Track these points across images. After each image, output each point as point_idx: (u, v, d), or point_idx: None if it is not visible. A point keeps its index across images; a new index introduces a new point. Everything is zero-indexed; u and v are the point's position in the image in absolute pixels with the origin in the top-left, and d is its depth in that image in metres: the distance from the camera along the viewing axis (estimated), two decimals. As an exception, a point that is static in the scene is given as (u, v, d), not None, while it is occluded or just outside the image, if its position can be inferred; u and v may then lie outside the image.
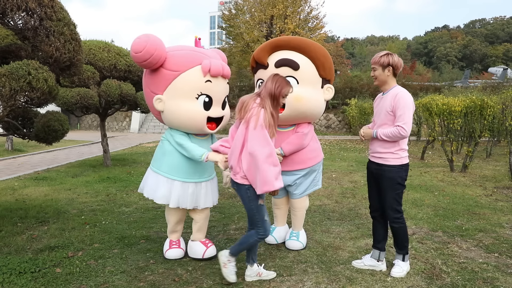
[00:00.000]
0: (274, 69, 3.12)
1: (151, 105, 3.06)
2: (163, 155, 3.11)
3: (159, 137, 19.11)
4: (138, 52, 2.76)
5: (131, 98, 7.71)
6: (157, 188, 3.07)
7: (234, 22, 22.09)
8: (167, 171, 3.05)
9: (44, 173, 7.45)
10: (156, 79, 2.94)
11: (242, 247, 2.72)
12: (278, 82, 2.59)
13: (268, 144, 2.47)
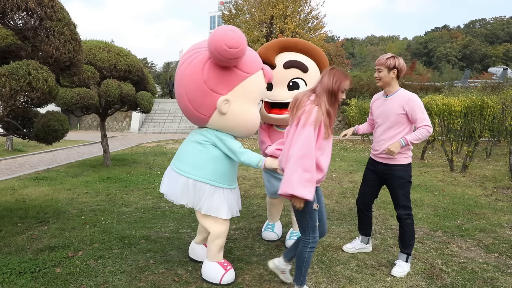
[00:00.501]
0: (283, 70, 3.19)
1: (203, 103, 2.62)
2: (209, 161, 2.70)
3: (159, 137, 19.11)
4: (235, 48, 2.41)
5: (131, 98, 7.71)
6: (214, 201, 2.71)
7: (234, 22, 22.10)
8: (215, 179, 2.70)
9: (44, 173, 7.45)
10: (224, 78, 2.59)
11: (305, 267, 2.48)
12: (336, 76, 2.35)
13: (308, 145, 2.22)
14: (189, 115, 2.76)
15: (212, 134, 2.74)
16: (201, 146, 2.73)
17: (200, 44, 2.72)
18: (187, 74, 2.62)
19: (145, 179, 6.86)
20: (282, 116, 3.22)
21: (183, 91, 2.66)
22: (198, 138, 2.77)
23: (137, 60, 8.23)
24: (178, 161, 2.81)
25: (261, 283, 2.74)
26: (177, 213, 4.58)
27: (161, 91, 27.56)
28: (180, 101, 2.74)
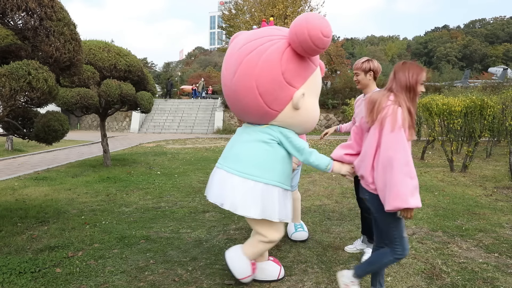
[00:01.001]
0: None
1: (277, 96, 2.37)
2: (278, 162, 2.48)
3: (159, 137, 19.13)
4: (328, 37, 2.25)
5: (131, 98, 7.71)
6: (284, 205, 2.49)
7: (234, 22, 22.10)
8: (283, 180, 2.50)
9: (44, 173, 7.45)
10: (300, 70, 2.38)
11: (372, 267, 2.34)
12: (411, 70, 2.18)
13: (405, 150, 2.05)
14: (254, 110, 2.45)
15: (277, 131, 2.50)
16: (268, 145, 2.48)
17: (270, 32, 2.45)
18: (261, 64, 2.31)
19: (145, 179, 6.86)
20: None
21: (253, 83, 2.33)
22: (262, 136, 2.50)
23: (137, 60, 8.23)
24: (238, 163, 2.49)
25: (261, 283, 2.74)
26: (177, 213, 4.58)
27: (161, 91, 27.55)
28: (247, 94, 2.39)
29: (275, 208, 2.42)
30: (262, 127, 2.53)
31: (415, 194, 2.03)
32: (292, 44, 2.31)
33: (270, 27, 2.57)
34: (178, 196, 5.55)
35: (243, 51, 2.39)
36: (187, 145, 13.88)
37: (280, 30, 2.46)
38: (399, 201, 2.01)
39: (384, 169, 2.07)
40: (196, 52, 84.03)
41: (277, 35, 2.39)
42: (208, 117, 21.86)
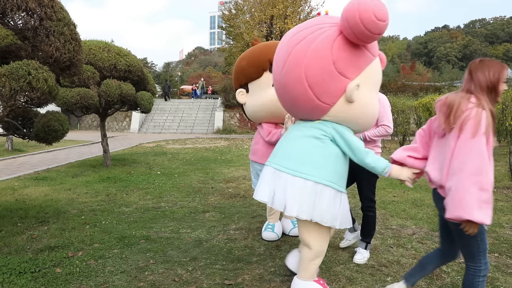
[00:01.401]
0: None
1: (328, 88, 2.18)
2: (329, 159, 2.30)
3: (159, 137, 19.14)
4: (383, 21, 2.03)
5: (131, 98, 7.72)
6: (334, 208, 2.29)
7: (234, 22, 22.11)
8: (336, 180, 2.30)
9: (44, 173, 7.45)
10: (354, 59, 2.18)
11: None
12: (491, 68, 2.00)
13: (481, 158, 1.84)
14: (304, 103, 2.28)
15: (330, 127, 2.30)
16: (320, 141, 2.30)
17: (320, 20, 2.29)
18: (310, 54, 2.14)
19: (145, 179, 6.86)
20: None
21: (302, 74, 2.17)
22: (313, 132, 2.32)
23: (137, 60, 8.24)
24: (288, 160, 2.35)
25: (261, 283, 2.74)
26: (177, 213, 4.58)
27: (161, 91, 27.58)
28: (296, 86, 2.23)
29: (325, 210, 2.24)
30: (314, 123, 2.35)
31: (483, 208, 1.81)
32: (343, 31, 2.11)
33: (324, 16, 2.39)
34: (178, 196, 5.55)
35: (292, 41, 2.26)
36: (187, 145, 13.88)
37: (332, 18, 2.29)
38: (461, 211, 1.83)
39: (453, 175, 1.91)
40: (196, 52, 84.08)
41: (327, 23, 2.22)
42: (208, 117, 21.87)
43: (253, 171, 3.71)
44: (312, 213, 2.22)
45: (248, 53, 3.48)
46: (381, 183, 6.25)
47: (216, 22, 75.97)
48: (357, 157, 2.26)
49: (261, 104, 3.36)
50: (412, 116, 12.04)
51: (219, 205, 5.00)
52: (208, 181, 6.70)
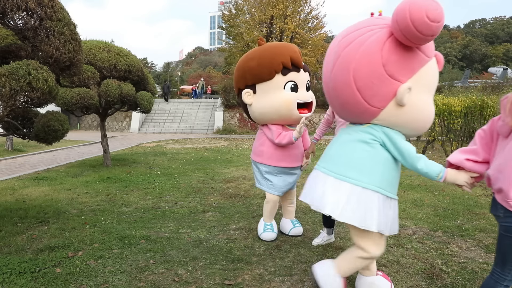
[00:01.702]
0: (303, 73, 3.43)
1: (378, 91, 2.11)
2: (378, 164, 2.22)
3: (159, 137, 19.15)
4: (437, 22, 1.90)
5: (131, 98, 7.71)
6: (384, 214, 2.20)
7: (234, 22, 22.11)
8: (385, 186, 2.22)
9: (44, 173, 7.45)
10: (405, 61, 2.09)
11: None
12: None
13: None
14: (353, 107, 2.23)
15: (379, 131, 2.23)
16: (368, 146, 2.24)
17: (370, 22, 2.23)
18: (359, 56, 2.09)
19: (145, 179, 6.86)
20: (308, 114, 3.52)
21: (350, 77, 2.13)
22: (362, 136, 2.27)
23: (137, 60, 8.24)
24: (336, 164, 2.32)
25: (261, 283, 2.74)
26: (177, 213, 4.58)
27: (161, 91, 27.60)
28: (344, 89, 2.19)
29: (373, 216, 2.15)
30: (364, 127, 2.30)
31: None
32: (394, 33, 2.04)
33: (375, 17, 2.32)
34: (178, 196, 5.55)
35: (341, 44, 2.21)
36: (187, 145, 13.88)
37: (383, 19, 2.22)
38: None
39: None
40: (196, 52, 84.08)
41: (378, 25, 2.15)
42: (208, 117, 21.86)
43: (257, 172, 3.70)
44: (360, 220, 2.17)
45: (257, 53, 3.44)
46: (381, 183, 6.24)
47: (216, 22, 76.00)
48: (407, 162, 2.18)
49: (270, 106, 3.37)
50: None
51: (219, 205, 5.00)
52: (208, 181, 6.70)
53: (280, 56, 3.30)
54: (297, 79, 3.37)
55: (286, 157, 3.52)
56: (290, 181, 3.65)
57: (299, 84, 3.39)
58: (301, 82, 3.41)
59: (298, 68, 3.38)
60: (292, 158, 3.55)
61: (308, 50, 21.00)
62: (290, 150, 3.52)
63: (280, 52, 3.34)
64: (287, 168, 3.55)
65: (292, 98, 3.34)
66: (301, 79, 3.40)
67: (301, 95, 3.40)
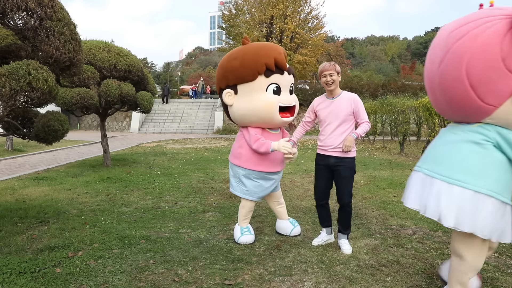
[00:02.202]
0: (287, 75, 3.36)
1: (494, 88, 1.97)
2: (492, 167, 2.06)
3: (159, 137, 19.17)
4: None
5: (131, 98, 7.72)
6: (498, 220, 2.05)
7: (234, 22, 22.11)
8: (500, 191, 2.04)
9: (44, 173, 7.45)
10: None
11: None
12: None
13: None
14: (463, 105, 2.09)
15: (493, 131, 2.07)
16: (480, 147, 2.08)
17: (486, 13, 2.05)
18: (474, 50, 1.95)
19: (145, 179, 6.86)
20: (291, 118, 3.44)
21: (462, 73, 1.99)
22: (472, 136, 2.11)
23: (137, 60, 8.24)
24: (441, 166, 2.18)
25: (261, 283, 2.74)
26: (177, 213, 4.58)
27: (161, 91, 27.61)
28: (454, 85, 2.06)
29: (486, 222, 2.01)
30: (473, 126, 2.14)
31: None
32: None
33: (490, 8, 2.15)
34: (178, 196, 5.55)
35: (452, 37, 2.06)
36: (187, 145, 13.88)
37: (502, 9, 2.03)
38: None
39: None
40: (196, 52, 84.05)
41: (496, 15, 1.97)
42: (208, 117, 21.87)
43: (234, 175, 3.60)
44: (471, 225, 2.04)
45: (240, 53, 3.33)
46: (381, 183, 6.24)
47: (216, 22, 75.99)
48: None
49: (252, 109, 3.29)
50: (412, 116, 12.04)
51: (219, 205, 4.99)
52: (208, 181, 6.70)
53: (264, 57, 3.20)
54: (281, 82, 3.29)
55: (265, 161, 3.42)
56: (266, 186, 3.54)
57: (282, 87, 3.31)
58: (285, 85, 3.33)
59: (282, 70, 3.29)
60: (271, 163, 3.45)
61: (308, 50, 20.99)
62: (270, 154, 3.41)
63: (264, 53, 3.23)
64: (265, 173, 3.45)
65: (274, 101, 3.27)
66: (284, 81, 3.32)
67: (284, 98, 3.33)
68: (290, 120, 3.43)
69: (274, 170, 3.49)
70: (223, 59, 3.49)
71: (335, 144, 3.24)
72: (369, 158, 9.96)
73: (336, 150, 3.24)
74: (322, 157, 3.35)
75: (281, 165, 3.55)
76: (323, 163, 3.34)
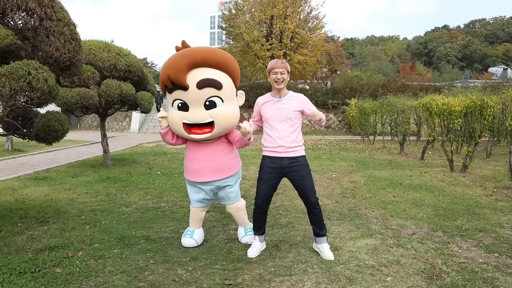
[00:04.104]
0: (197, 90, 3.00)
1: None
2: None
3: (159, 137, 19.30)
4: None
5: (131, 98, 7.72)
6: None
7: (234, 22, 22.09)
8: None
9: (44, 173, 7.44)
10: None
11: None
12: None
13: None
14: None
15: None
16: None
17: None
18: None
19: (145, 179, 6.86)
20: (203, 136, 3.14)
21: None
22: None
23: (137, 60, 8.24)
24: None
25: (261, 283, 2.74)
26: (177, 213, 4.58)
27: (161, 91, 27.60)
28: None
29: None
30: None
31: None
32: None
33: None
34: (178, 196, 5.55)
35: None
36: (187, 145, 13.87)
37: None
38: None
39: None
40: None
41: None
42: (208, 117, 21.81)
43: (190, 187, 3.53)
44: None
45: (165, 62, 3.13)
46: (381, 183, 6.25)
47: (216, 22, 75.95)
48: None
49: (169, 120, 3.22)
50: (412, 116, 12.04)
51: (219, 205, 4.99)
52: (208, 181, 6.69)
53: (162, 73, 3.05)
54: (185, 98, 3.04)
55: (190, 170, 3.34)
56: (200, 197, 3.42)
57: (189, 103, 3.06)
58: (192, 101, 3.05)
59: (183, 87, 2.99)
60: (194, 172, 3.29)
61: (308, 50, 20.99)
62: (191, 163, 3.31)
63: (164, 68, 3.05)
64: (192, 182, 3.37)
65: (176, 117, 3.12)
66: (191, 97, 3.03)
67: (191, 115, 3.08)
68: (201, 138, 3.16)
69: (199, 180, 3.30)
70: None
71: (287, 145, 3.13)
72: (369, 158, 9.96)
73: (289, 150, 3.14)
74: (273, 159, 3.19)
75: (210, 175, 3.28)
76: (273, 165, 3.19)
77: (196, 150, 3.29)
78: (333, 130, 20.17)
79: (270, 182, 3.23)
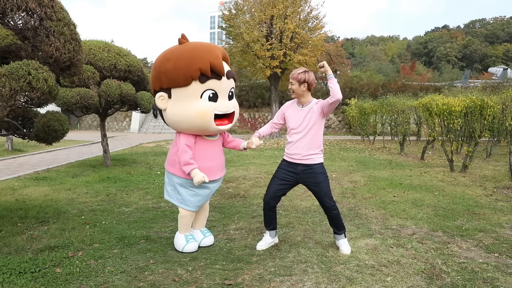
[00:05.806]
0: (227, 80, 3.08)
1: None
2: None
3: (159, 137, 19.24)
4: None
5: (131, 98, 7.71)
6: None
7: (234, 22, 22.08)
8: None
9: (44, 173, 7.45)
10: None
11: None
12: None
13: None
14: None
15: None
16: None
17: None
18: None
19: (145, 179, 6.86)
20: (226, 127, 3.18)
21: None
22: None
23: (137, 60, 8.24)
24: None
25: (261, 283, 2.74)
26: (177, 213, 4.57)
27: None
28: None
29: None
30: None
31: None
32: None
33: None
34: (178, 196, 5.55)
35: None
36: (187, 145, 13.86)
37: None
38: None
39: None
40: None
41: None
42: (208, 117, 21.82)
43: (168, 183, 3.35)
44: None
45: (175, 54, 3.00)
46: (381, 183, 6.25)
47: (216, 22, 76.01)
48: None
49: (185, 115, 3.03)
50: (412, 116, 12.04)
51: (219, 205, 4.99)
52: (208, 181, 6.69)
53: (199, 61, 2.90)
54: (218, 88, 3.02)
55: (200, 169, 3.10)
56: (204, 195, 3.31)
57: (219, 93, 3.05)
58: (222, 90, 3.07)
59: (220, 75, 3.00)
60: (207, 171, 3.14)
61: (308, 50, 20.99)
62: (205, 162, 3.17)
63: (199, 56, 2.91)
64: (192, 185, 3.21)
65: (209, 109, 3.01)
66: (222, 87, 3.06)
67: (221, 105, 3.08)
68: (227, 128, 3.20)
69: (213, 178, 3.23)
70: (157, 58, 3.16)
71: (302, 153, 3.20)
72: (369, 158, 9.96)
73: (304, 158, 3.20)
74: (289, 164, 3.29)
75: (218, 173, 3.30)
76: (288, 168, 3.29)
77: (208, 148, 3.24)
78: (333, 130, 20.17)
79: (281, 181, 3.30)
